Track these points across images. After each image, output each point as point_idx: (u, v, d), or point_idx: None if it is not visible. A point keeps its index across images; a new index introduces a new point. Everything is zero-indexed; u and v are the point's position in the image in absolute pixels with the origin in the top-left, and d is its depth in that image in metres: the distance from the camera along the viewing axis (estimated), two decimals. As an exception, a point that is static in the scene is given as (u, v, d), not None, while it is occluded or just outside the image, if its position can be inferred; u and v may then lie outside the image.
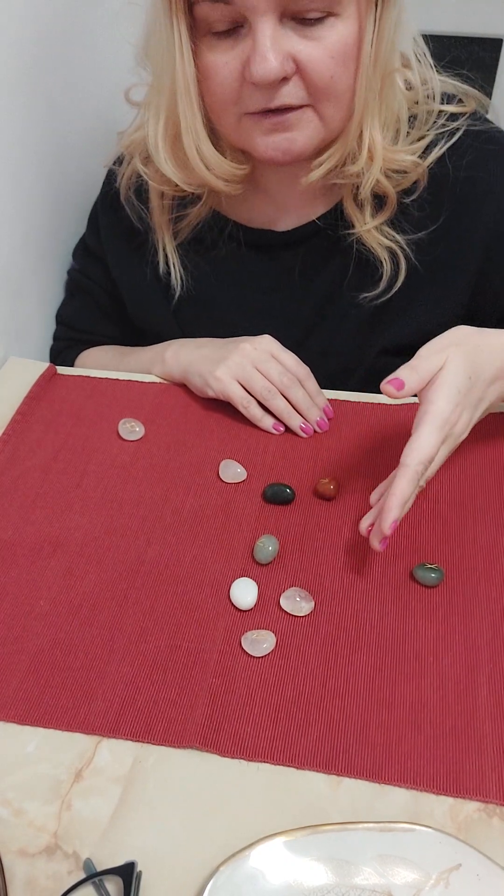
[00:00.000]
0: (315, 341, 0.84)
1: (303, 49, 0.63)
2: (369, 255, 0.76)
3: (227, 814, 0.49)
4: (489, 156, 0.74)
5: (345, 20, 0.63)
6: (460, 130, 0.73)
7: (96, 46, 0.97)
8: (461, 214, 0.75)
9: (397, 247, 0.76)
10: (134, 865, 0.46)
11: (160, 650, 0.58)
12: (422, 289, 0.78)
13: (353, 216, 0.76)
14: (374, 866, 0.46)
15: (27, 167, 0.88)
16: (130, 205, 0.83)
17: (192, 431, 0.78)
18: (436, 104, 0.73)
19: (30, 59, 0.85)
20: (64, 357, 0.96)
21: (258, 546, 0.64)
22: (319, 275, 0.81)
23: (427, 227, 0.76)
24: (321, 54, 0.63)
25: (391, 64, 0.68)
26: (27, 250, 0.90)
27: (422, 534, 0.66)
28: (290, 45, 0.63)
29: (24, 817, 0.49)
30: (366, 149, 0.70)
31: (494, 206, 0.75)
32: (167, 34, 0.65)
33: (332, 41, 0.63)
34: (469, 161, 0.74)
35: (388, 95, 0.69)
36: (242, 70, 0.64)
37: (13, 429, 0.78)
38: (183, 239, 0.83)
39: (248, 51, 0.63)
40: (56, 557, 0.65)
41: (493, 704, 0.54)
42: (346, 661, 0.57)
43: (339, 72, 0.65)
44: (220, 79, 0.66)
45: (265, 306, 0.84)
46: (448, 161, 0.74)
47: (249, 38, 0.63)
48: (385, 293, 0.78)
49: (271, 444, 0.76)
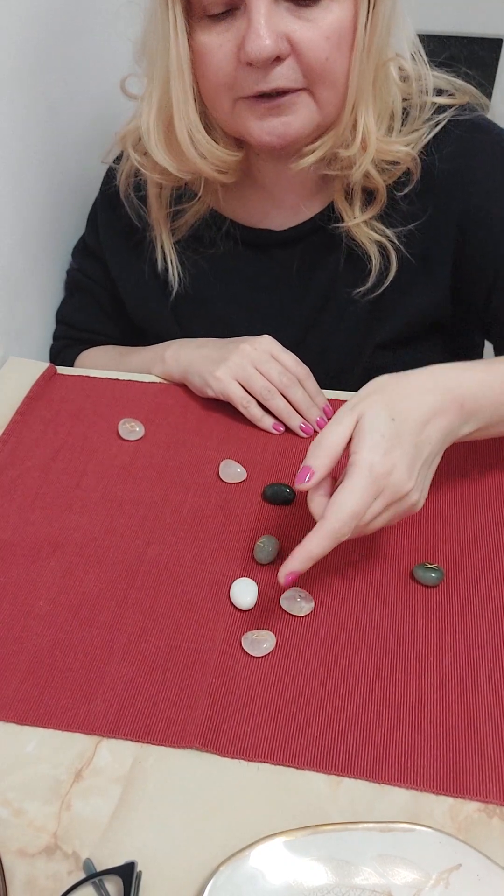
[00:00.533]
0: (313, 339, 0.84)
1: (297, 29, 0.63)
2: (359, 250, 0.77)
3: (227, 814, 0.49)
4: (472, 144, 0.74)
5: (340, 2, 0.64)
6: (445, 120, 0.73)
7: (96, 46, 0.97)
8: (446, 205, 0.75)
9: (386, 241, 0.76)
10: (134, 865, 0.46)
11: (160, 650, 0.58)
12: (414, 282, 0.78)
13: (343, 211, 0.76)
14: (374, 866, 0.46)
15: (27, 166, 0.88)
16: (129, 202, 0.84)
17: (192, 431, 0.78)
18: (428, 97, 0.73)
19: (29, 59, 0.85)
20: (64, 356, 0.96)
21: (258, 546, 0.64)
22: (316, 273, 0.81)
23: (417, 219, 0.76)
24: (316, 35, 0.64)
25: (385, 53, 0.68)
26: (27, 250, 0.90)
27: (422, 534, 0.66)
28: (285, 25, 0.63)
29: (24, 817, 0.49)
30: (359, 137, 0.70)
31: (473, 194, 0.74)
32: (162, 17, 0.66)
33: (327, 22, 0.63)
34: (451, 151, 0.74)
35: (383, 85, 0.70)
36: (237, 52, 0.64)
37: (13, 429, 0.78)
38: (181, 237, 0.83)
39: (242, 31, 0.63)
40: (55, 557, 0.65)
41: (493, 704, 0.54)
42: (346, 661, 0.57)
43: (334, 54, 0.65)
44: (216, 61, 0.66)
45: (263, 305, 0.84)
46: (434, 151, 0.74)
47: (244, 18, 0.63)
48: (376, 287, 0.78)
49: (271, 444, 0.76)
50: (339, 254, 0.79)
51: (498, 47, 1.60)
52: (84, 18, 0.94)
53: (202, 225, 0.82)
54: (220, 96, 0.68)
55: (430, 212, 0.75)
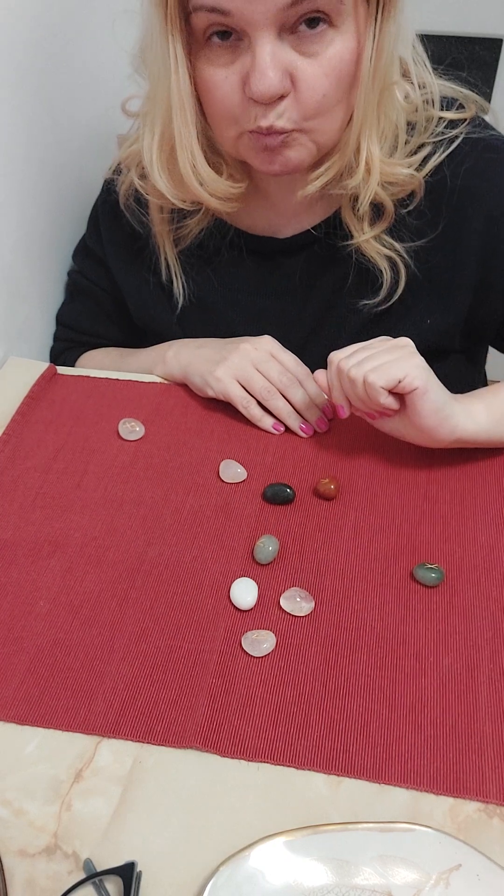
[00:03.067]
0: (316, 346, 0.83)
1: (300, 65, 0.62)
2: (369, 264, 0.76)
3: (227, 814, 0.49)
4: (487, 164, 0.73)
5: (343, 34, 0.62)
6: (459, 138, 0.73)
7: (96, 49, 0.98)
8: (458, 224, 0.75)
9: (397, 255, 0.75)
10: (134, 865, 0.46)
11: (160, 650, 0.58)
12: (421, 296, 0.78)
13: (351, 226, 0.75)
14: (374, 866, 0.46)
15: (27, 167, 0.88)
16: (130, 211, 0.83)
17: (192, 431, 0.78)
18: (435, 110, 0.72)
19: (30, 63, 0.85)
20: (65, 358, 0.96)
21: (258, 546, 0.64)
22: (320, 281, 0.81)
23: (426, 236, 0.75)
24: (316, 71, 0.63)
25: (390, 76, 0.67)
26: (27, 250, 0.90)
27: (422, 534, 0.66)
28: (289, 61, 0.62)
29: (24, 817, 0.49)
30: (363, 162, 0.69)
31: (489, 217, 0.74)
32: (162, 48, 0.64)
33: (328, 57, 0.63)
34: (467, 169, 0.73)
35: (387, 107, 0.69)
36: (242, 86, 0.64)
37: (13, 429, 0.78)
38: (185, 246, 0.83)
39: (247, 66, 0.62)
40: (56, 557, 0.65)
41: (493, 704, 0.54)
42: (346, 661, 0.57)
43: (330, 90, 0.64)
44: (221, 94, 0.65)
45: (267, 311, 0.84)
46: (446, 169, 0.73)
47: (249, 53, 0.62)
48: (385, 301, 0.78)
49: (271, 444, 0.76)
50: (343, 263, 0.78)
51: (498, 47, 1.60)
52: (84, 22, 0.94)
53: (206, 234, 0.82)
54: (228, 127, 0.68)
55: (441, 228, 0.75)
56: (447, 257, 0.76)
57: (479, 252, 0.75)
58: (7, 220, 0.86)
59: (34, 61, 0.85)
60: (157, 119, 0.70)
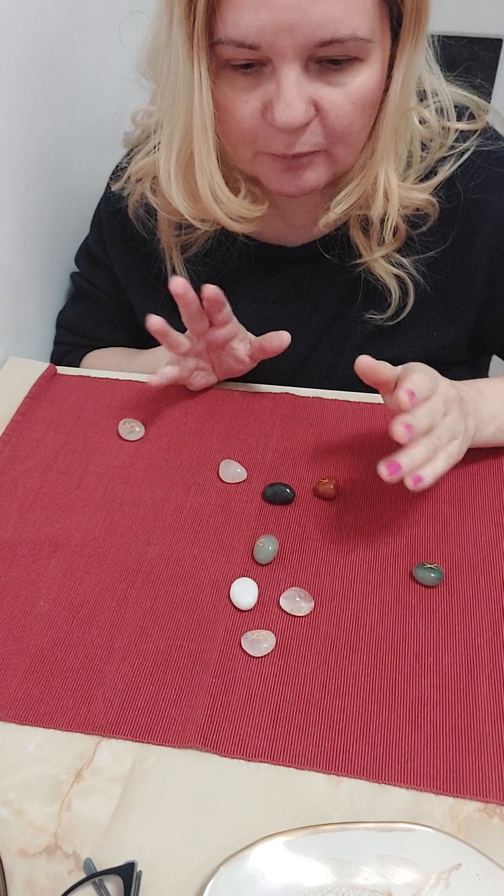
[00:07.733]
0: (321, 355, 0.84)
1: (325, 95, 0.62)
2: (377, 282, 0.76)
3: (227, 814, 0.49)
4: (497, 178, 0.73)
5: (370, 65, 0.62)
6: (469, 151, 0.72)
7: (99, 49, 0.98)
8: (468, 237, 0.75)
9: (405, 273, 0.75)
10: (134, 865, 0.46)
11: (160, 650, 0.58)
12: (428, 308, 0.78)
13: (360, 245, 0.75)
14: (374, 866, 0.46)
15: (27, 167, 0.88)
16: (137, 217, 0.83)
17: (192, 431, 0.78)
18: (450, 122, 0.72)
19: (31, 61, 0.85)
20: (68, 361, 0.96)
21: (258, 546, 0.64)
22: (327, 291, 0.81)
23: (435, 248, 0.75)
24: (344, 100, 0.62)
25: (408, 102, 0.67)
26: (28, 250, 0.90)
27: (422, 534, 0.66)
28: (314, 91, 0.62)
29: (24, 817, 0.49)
30: (381, 190, 0.69)
31: (497, 231, 0.74)
32: (186, 72, 0.63)
33: (354, 87, 0.62)
34: (478, 184, 0.73)
35: (404, 131, 0.69)
36: (263, 110, 0.63)
37: (13, 429, 0.78)
38: (192, 253, 0.83)
39: (270, 93, 0.62)
40: (56, 557, 0.65)
41: (493, 704, 0.54)
42: (346, 661, 0.57)
43: (357, 118, 0.64)
44: (239, 116, 0.64)
45: (274, 319, 0.84)
46: (458, 183, 0.73)
47: (273, 81, 0.61)
48: (393, 318, 0.78)
49: (271, 444, 0.76)
50: (350, 274, 0.78)
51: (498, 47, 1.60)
52: (88, 22, 0.94)
53: (214, 241, 0.81)
54: (243, 148, 0.67)
55: (451, 241, 0.75)
56: (455, 270, 0.76)
57: (487, 265, 0.75)
58: (7, 221, 0.86)
59: (34, 62, 0.85)
60: (175, 136, 0.68)
